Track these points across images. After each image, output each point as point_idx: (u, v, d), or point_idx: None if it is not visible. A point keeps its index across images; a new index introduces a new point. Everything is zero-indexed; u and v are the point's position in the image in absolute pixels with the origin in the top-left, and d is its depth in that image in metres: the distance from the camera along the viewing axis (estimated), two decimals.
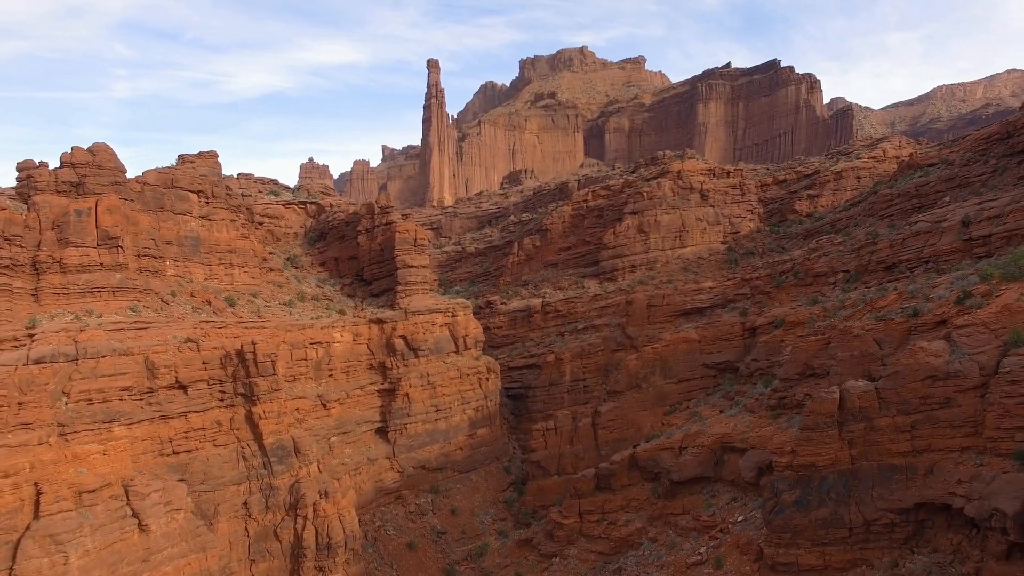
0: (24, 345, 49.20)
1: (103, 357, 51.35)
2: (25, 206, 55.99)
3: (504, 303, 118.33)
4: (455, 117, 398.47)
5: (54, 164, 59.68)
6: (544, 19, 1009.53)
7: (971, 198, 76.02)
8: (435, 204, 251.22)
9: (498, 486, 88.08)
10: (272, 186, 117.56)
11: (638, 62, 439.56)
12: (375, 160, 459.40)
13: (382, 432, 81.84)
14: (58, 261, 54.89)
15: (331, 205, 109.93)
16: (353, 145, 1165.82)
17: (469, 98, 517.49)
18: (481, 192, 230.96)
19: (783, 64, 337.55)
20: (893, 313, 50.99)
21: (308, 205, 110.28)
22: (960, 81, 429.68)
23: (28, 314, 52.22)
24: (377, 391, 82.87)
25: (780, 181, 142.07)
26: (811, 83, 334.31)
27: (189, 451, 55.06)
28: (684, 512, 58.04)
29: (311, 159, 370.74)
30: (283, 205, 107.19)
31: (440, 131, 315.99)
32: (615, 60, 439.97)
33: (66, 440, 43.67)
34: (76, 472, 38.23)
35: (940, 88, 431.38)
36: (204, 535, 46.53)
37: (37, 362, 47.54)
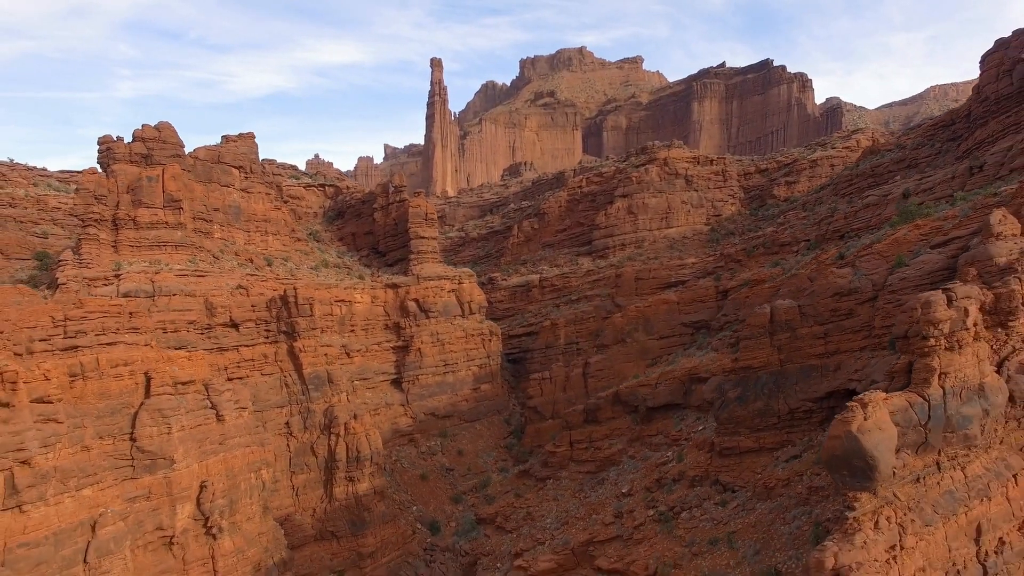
0: (112, 283, 59.95)
1: (174, 295, 62.13)
2: (104, 173, 66.71)
3: (505, 279, 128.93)
4: (457, 115, 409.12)
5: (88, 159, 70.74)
6: (548, 19, 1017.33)
7: (915, 175, 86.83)
8: (439, 195, 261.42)
9: (499, 434, 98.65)
10: (292, 171, 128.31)
11: (636, 62, 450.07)
12: (378, 158, 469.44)
13: (397, 383, 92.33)
14: (133, 219, 65.55)
15: (348, 187, 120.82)
16: (355, 145, 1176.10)
17: (471, 97, 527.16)
18: (483, 184, 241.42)
19: (777, 64, 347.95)
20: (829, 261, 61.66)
21: (326, 188, 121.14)
22: (956, 81, 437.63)
23: (111, 261, 62.93)
24: (392, 348, 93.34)
25: (762, 170, 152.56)
26: (803, 82, 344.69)
27: (241, 378, 65.65)
28: (658, 433, 68.69)
29: (317, 155, 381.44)
30: (304, 187, 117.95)
31: (443, 127, 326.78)
32: (614, 60, 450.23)
33: None
34: (172, 368, 48.78)
35: (933, 88, 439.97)
36: (262, 433, 57.13)
37: (125, 295, 58.27)
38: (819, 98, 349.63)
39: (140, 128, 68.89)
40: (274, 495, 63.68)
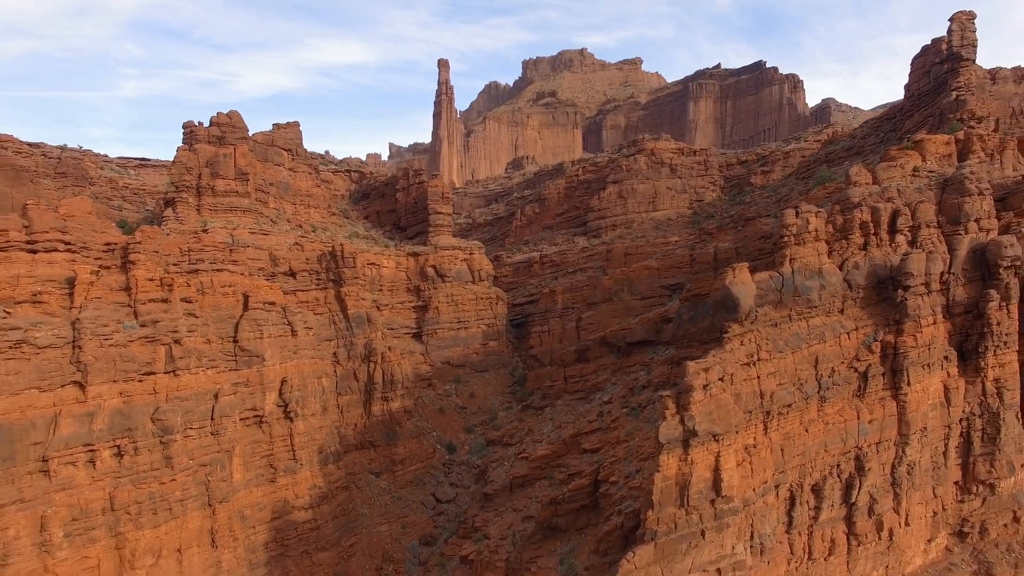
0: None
1: (247, 247, 77.91)
2: (189, 151, 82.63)
3: (509, 257, 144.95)
4: (461, 114, 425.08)
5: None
6: (554, 19, 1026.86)
7: (859, 160, 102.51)
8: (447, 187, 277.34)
9: (505, 383, 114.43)
10: (321, 159, 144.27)
11: (635, 63, 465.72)
12: (383, 157, 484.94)
13: (417, 336, 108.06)
14: (211, 187, 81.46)
15: (371, 172, 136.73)
16: (358, 146, 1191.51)
17: (474, 97, 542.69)
18: (488, 177, 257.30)
19: (779, 65, 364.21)
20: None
21: (352, 173, 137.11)
22: None
23: (197, 220, 78.84)
24: (413, 307, 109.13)
25: (742, 161, 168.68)
26: (794, 83, 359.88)
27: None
28: (635, 364, 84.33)
29: (327, 152, 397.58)
30: (332, 172, 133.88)
31: (449, 125, 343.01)
32: (614, 61, 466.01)
33: None
34: (261, 292, 64.49)
35: None
36: (321, 348, 72.89)
37: None
38: (820, 99, 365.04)
39: (216, 115, 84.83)
40: (328, 406, 79.38)
